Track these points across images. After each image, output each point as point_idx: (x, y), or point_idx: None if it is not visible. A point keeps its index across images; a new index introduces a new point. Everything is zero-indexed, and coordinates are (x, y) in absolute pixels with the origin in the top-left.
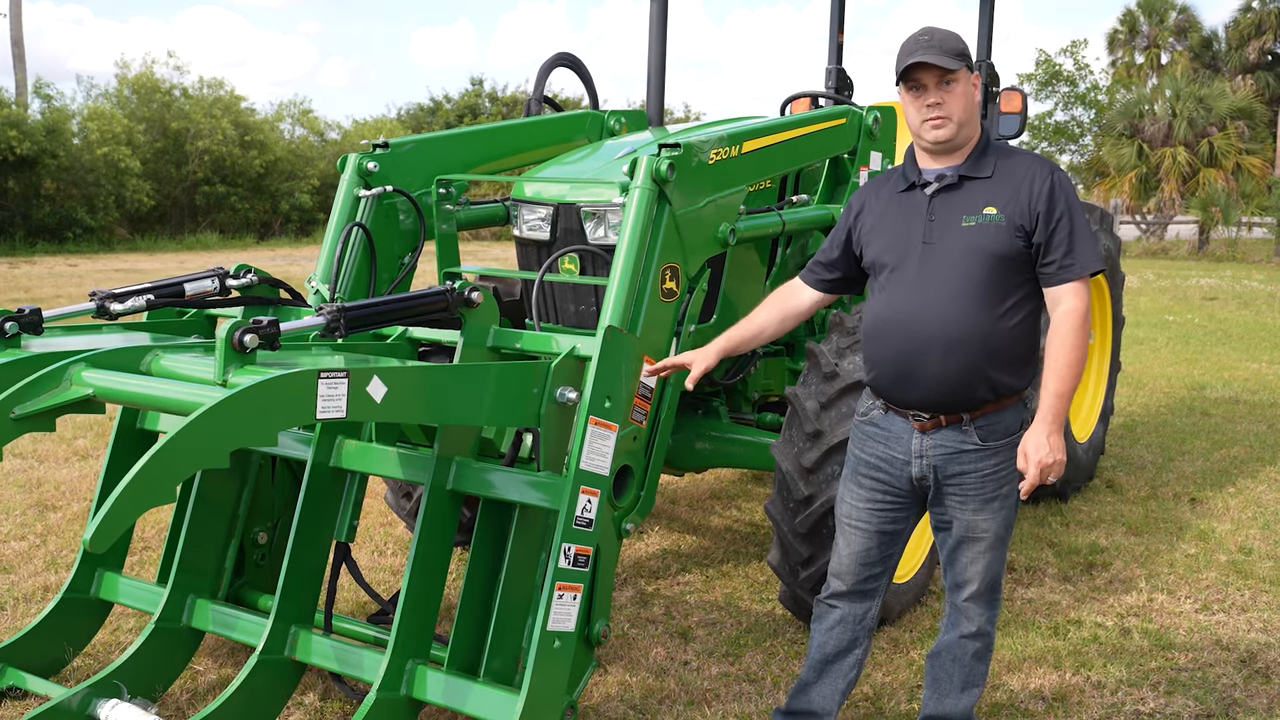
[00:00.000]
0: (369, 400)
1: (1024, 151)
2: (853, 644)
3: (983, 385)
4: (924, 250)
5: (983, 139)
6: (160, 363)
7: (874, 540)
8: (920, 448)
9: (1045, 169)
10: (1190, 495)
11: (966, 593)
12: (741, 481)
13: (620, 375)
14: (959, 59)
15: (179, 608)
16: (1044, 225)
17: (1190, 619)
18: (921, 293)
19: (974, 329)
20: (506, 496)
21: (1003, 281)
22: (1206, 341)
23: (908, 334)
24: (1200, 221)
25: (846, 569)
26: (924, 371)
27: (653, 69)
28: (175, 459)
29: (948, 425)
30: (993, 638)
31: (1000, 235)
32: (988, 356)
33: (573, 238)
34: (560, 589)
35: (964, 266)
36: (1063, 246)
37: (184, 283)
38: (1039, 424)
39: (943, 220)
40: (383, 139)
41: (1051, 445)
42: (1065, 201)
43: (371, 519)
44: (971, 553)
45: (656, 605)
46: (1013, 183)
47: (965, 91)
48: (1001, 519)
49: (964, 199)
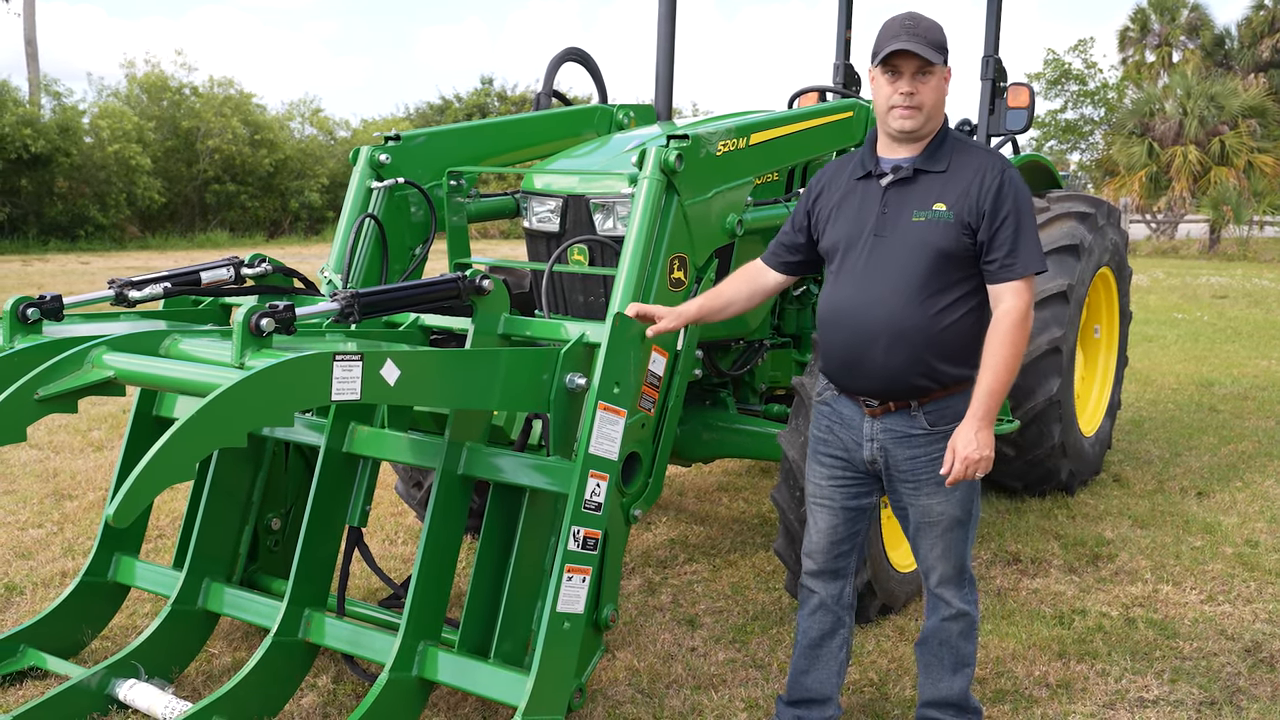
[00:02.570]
0: (382, 383)
1: (979, 147)
2: (836, 625)
3: (926, 376)
4: (874, 242)
5: (942, 131)
6: (179, 346)
7: (839, 517)
8: (871, 431)
9: (996, 167)
10: (1197, 489)
11: (935, 578)
12: (748, 473)
13: (629, 362)
14: (939, 51)
15: (195, 591)
16: (989, 223)
17: (1195, 609)
18: (869, 284)
19: (918, 323)
20: (516, 481)
21: (949, 277)
22: (1216, 339)
23: (854, 324)
24: (1211, 220)
25: (817, 547)
26: (869, 362)
27: (661, 64)
28: (195, 437)
29: (897, 410)
30: (974, 617)
31: (947, 232)
32: (932, 349)
33: (582, 229)
34: (569, 571)
35: (911, 261)
36: (1005, 246)
37: (200, 271)
38: (969, 419)
39: (894, 213)
40: (394, 132)
41: (979, 441)
42: (1013, 201)
43: (382, 508)
44: (930, 537)
45: (664, 593)
46: (965, 179)
47: (939, 85)
48: (957, 501)
49: (917, 193)
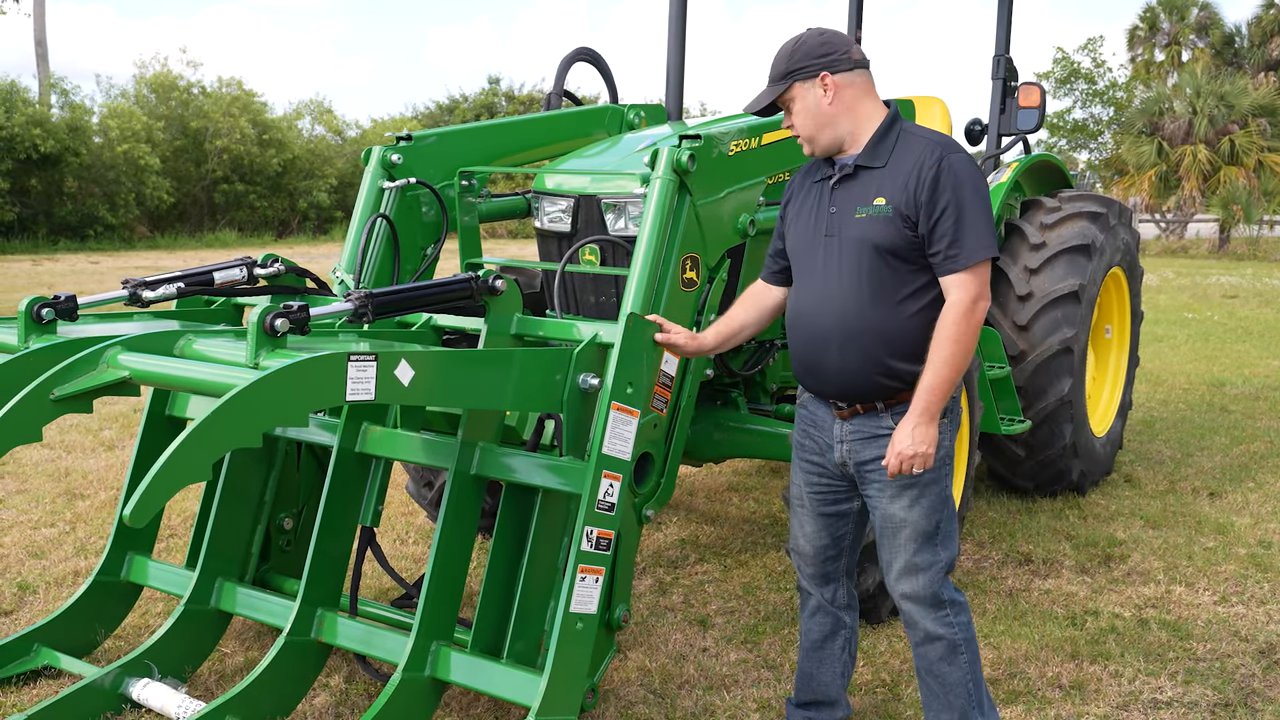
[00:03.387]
0: (396, 383)
1: (923, 136)
2: (836, 626)
3: (885, 376)
4: (825, 243)
5: (882, 126)
6: (193, 346)
7: (819, 523)
8: (840, 433)
9: (935, 154)
10: (1209, 490)
11: (899, 591)
12: (759, 473)
13: (642, 362)
14: (778, 83)
15: (207, 591)
16: (927, 214)
17: (1209, 610)
18: (822, 286)
19: (869, 323)
20: (529, 481)
21: (897, 272)
22: (1226, 339)
23: (810, 327)
24: (1221, 220)
25: (803, 551)
26: (826, 365)
27: (672, 64)
28: (211, 438)
29: (865, 412)
30: (957, 639)
31: (888, 227)
32: (887, 348)
33: (594, 229)
34: (583, 571)
35: (857, 259)
36: (947, 236)
37: (213, 271)
38: (909, 415)
39: (841, 212)
40: (406, 132)
41: (915, 437)
42: (952, 189)
43: (393, 508)
44: (892, 545)
45: (675, 593)
46: (904, 171)
47: (804, 107)
48: (922, 510)
49: (859, 189)
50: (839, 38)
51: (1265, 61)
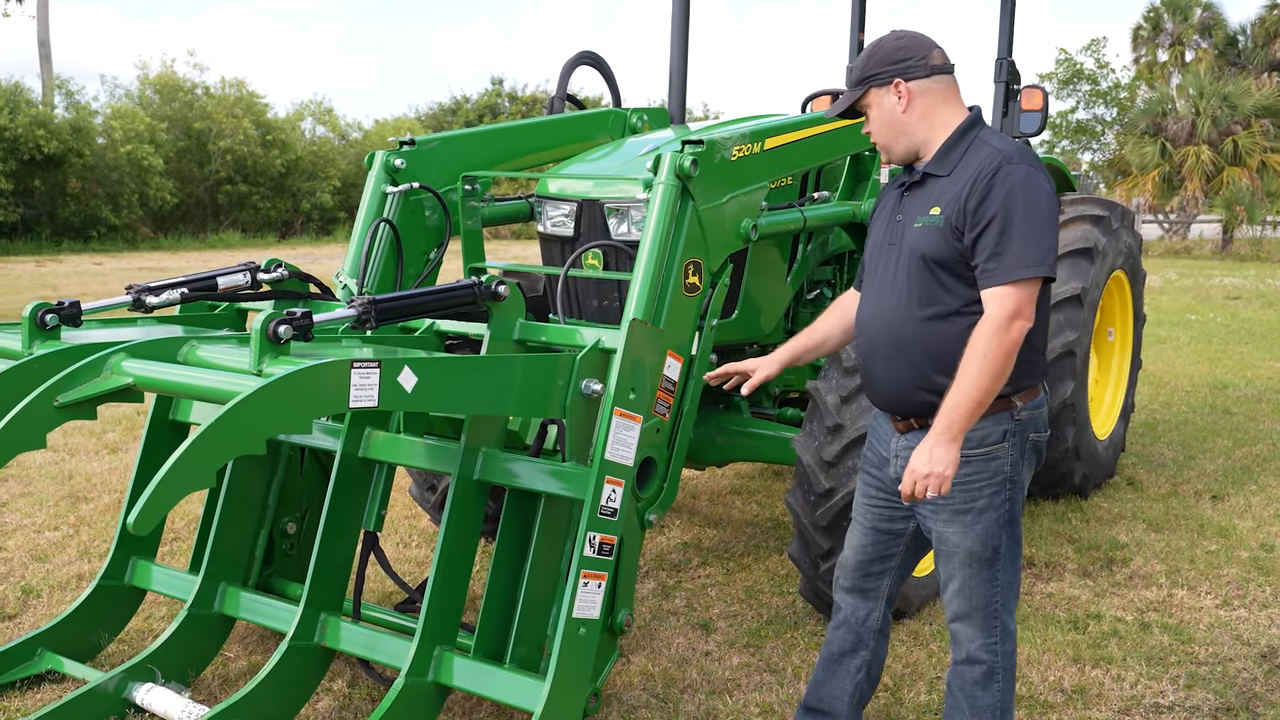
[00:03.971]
0: (400, 390)
1: (992, 144)
2: (856, 645)
3: (929, 391)
4: (888, 251)
5: (955, 133)
6: (197, 353)
7: (870, 537)
8: (896, 447)
9: (993, 164)
10: (1212, 492)
11: (950, 612)
12: (761, 476)
13: (644, 367)
14: (854, 89)
15: (211, 595)
16: (972, 225)
17: (1211, 614)
18: (878, 295)
19: (914, 333)
20: (532, 486)
21: (946, 286)
22: (1229, 340)
23: (865, 335)
24: (1224, 220)
25: (846, 562)
26: (875, 374)
27: (675, 67)
28: (215, 445)
29: (920, 428)
30: (996, 666)
31: (938, 238)
32: (931, 362)
33: (596, 234)
34: (585, 577)
35: (908, 269)
36: (988, 249)
37: (217, 277)
38: (929, 434)
39: (906, 220)
40: (409, 136)
41: (932, 457)
42: (1003, 201)
43: (396, 511)
44: (946, 568)
45: (678, 597)
46: (962, 180)
47: (879, 114)
48: (976, 536)
49: (922, 199)
50: (918, 42)
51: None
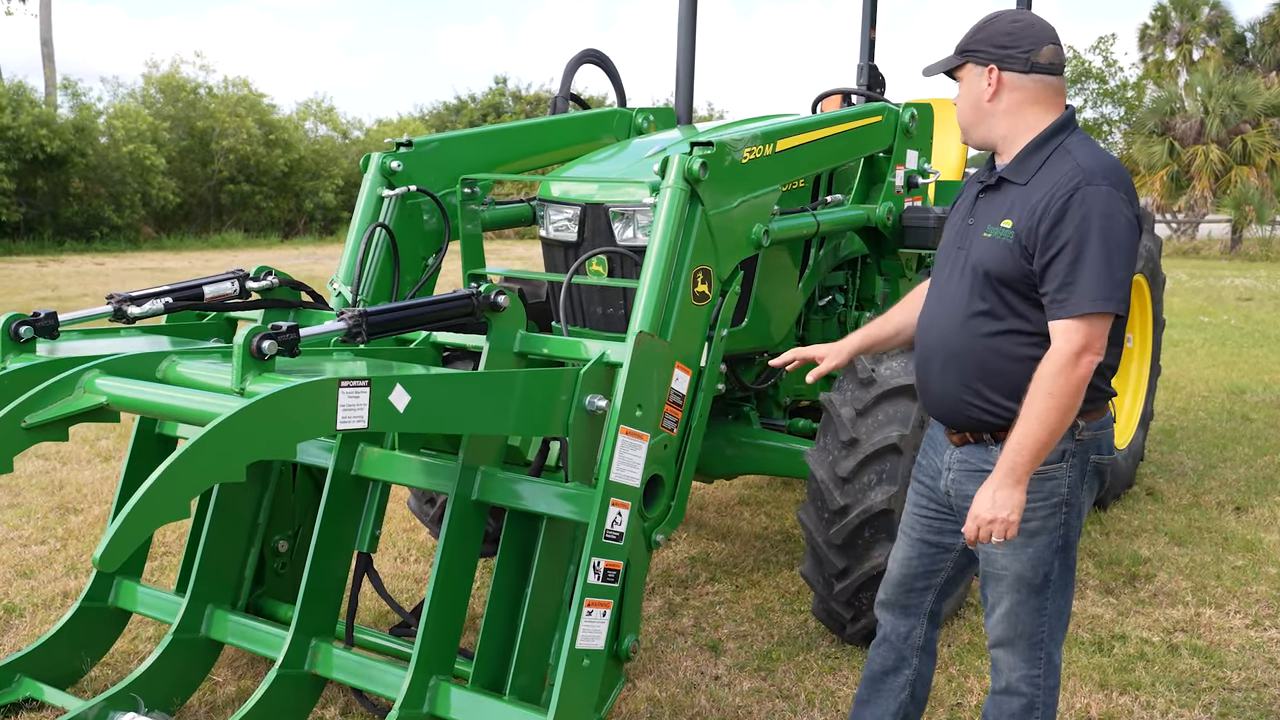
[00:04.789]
0: (391, 410)
1: (1075, 158)
2: (899, 664)
3: (982, 409)
4: (955, 255)
5: (1039, 138)
6: (177, 369)
7: (916, 550)
8: (949, 460)
9: (1071, 183)
10: (1235, 503)
11: (992, 637)
12: (771, 486)
13: (652, 382)
14: (958, 54)
15: (197, 618)
16: (1042, 250)
17: (1241, 635)
18: (940, 299)
19: (969, 346)
20: (534, 508)
21: (1008, 303)
22: (1244, 343)
23: (922, 340)
24: (1233, 220)
25: (890, 576)
26: (930, 382)
27: (681, 67)
28: (189, 474)
29: (974, 442)
30: (1037, 700)
31: (1005, 254)
32: (983, 378)
33: (600, 238)
34: (589, 605)
35: (971, 279)
36: (1058, 279)
37: (203, 285)
38: (992, 476)
39: (977, 225)
40: (406, 137)
41: (997, 501)
42: (1077, 227)
43: (394, 524)
44: (994, 591)
45: (685, 616)
46: (1037, 195)
47: (967, 92)
48: (1026, 559)
49: (995, 206)
50: (1031, 31)
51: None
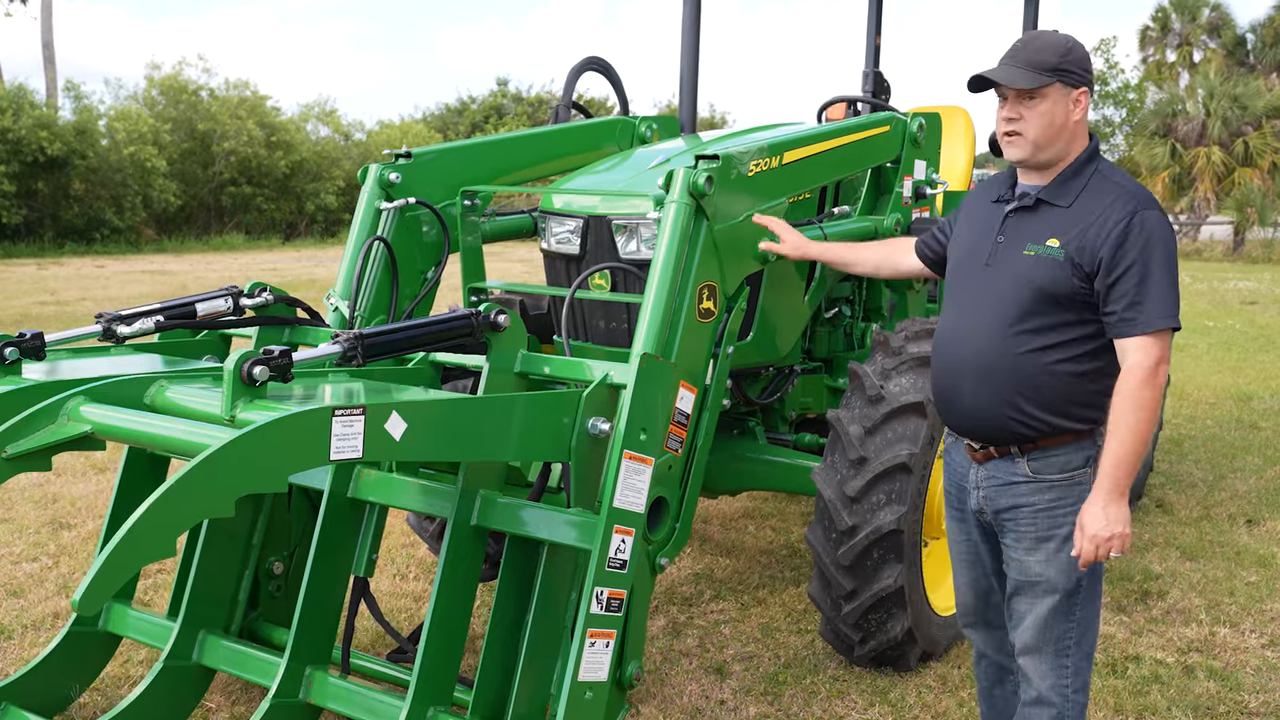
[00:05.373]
0: (387, 438)
1: (1118, 183)
2: (1002, 674)
3: (1018, 421)
4: (984, 272)
5: (1077, 161)
6: (165, 395)
7: (975, 571)
8: (976, 478)
9: (1127, 207)
10: (1246, 516)
11: (1019, 645)
12: (776, 499)
13: (656, 405)
14: (1044, 74)
15: (189, 644)
16: (1106, 271)
17: (1258, 655)
18: (969, 316)
19: (1009, 362)
20: (535, 534)
21: (1050, 317)
22: (1249, 348)
23: (949, 356)
24: (1235, 222)
25: (964, 600)
26: (960, 398)
27: (685, 75)
28: (175, 510)
29: (1000, 457)
30: (1066, 710)
31: (1055, 271)
32: (1024, 392)
33: (603, 251)
34: (592, 636)
35: (1011, 296)
36: (1127, 297)
37: (195, 302)
38: (1095, 494)
39: (1009, 243)
40: (405, 149)
41: (1110, 517)
42: (1140, 248)
43: (393, 540)
44: (1024, 600)
45: (690, 636)
46: (1087, 217)
47: (1050, 110)
48: (1060, 565)
49: (1034, 225)
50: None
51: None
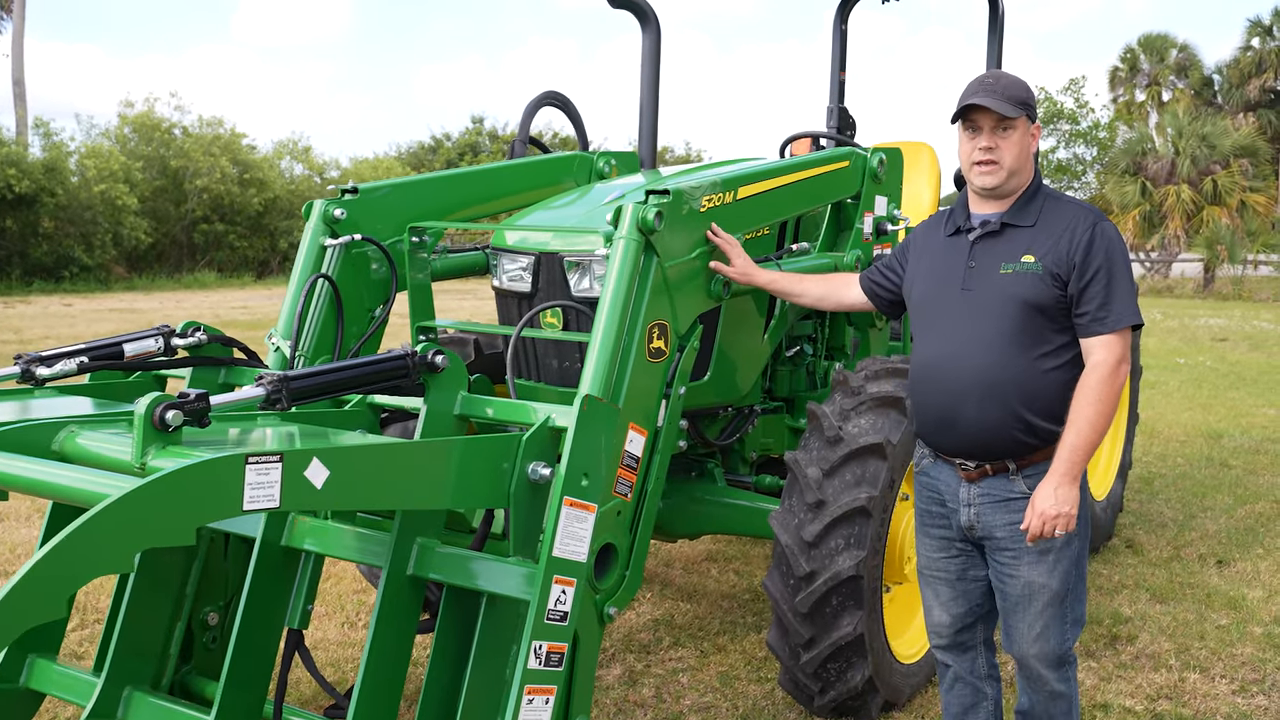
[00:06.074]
0: (308, 486)
1: (1072, 201)
2: (977, 698)
3: (1023, 431)
4: (963, 297)
5: (1032, 186)
6: (76, 441)
7: (955, 589)
8: (968, 496)
9: (1089, 219)
10: (1216, 556)
11: (1031, 652)
12: (740, 541)
13: (600, 449)
14: (1019, 107)
15: (114, 702)
16: (1079, 276)
17: (1228, 702)
18: (959, 339)
19: (1010, 375)
20: (473, 585)
21: (1040, 328)
22: (1220, 385)
23: (946, 380)
24: (1205, 260)
25: (939, 622)
26: (963, 418)
27: (645, 110)
28: (66, 568)
29: (995, 474)
30: (1072, 698)
31: (1037, 284)
32: (1026, 402)
33: (556, 289)
34: (530, 692)
35: (1000, 313)
36: (1097, 299)
37: (124, 343)
38: (1050, 475)
39: (982, 267)
40: (351, 184)
41: (1059, 497)
42: (1105, 254)
43: (344, 585)
44: (1029, 613)
45: (646, 685)
46: (1055, 231)
47: (1021, 140)
48: (1060, 575)
49: (1004, 246)
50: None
51: (1244, 102)
